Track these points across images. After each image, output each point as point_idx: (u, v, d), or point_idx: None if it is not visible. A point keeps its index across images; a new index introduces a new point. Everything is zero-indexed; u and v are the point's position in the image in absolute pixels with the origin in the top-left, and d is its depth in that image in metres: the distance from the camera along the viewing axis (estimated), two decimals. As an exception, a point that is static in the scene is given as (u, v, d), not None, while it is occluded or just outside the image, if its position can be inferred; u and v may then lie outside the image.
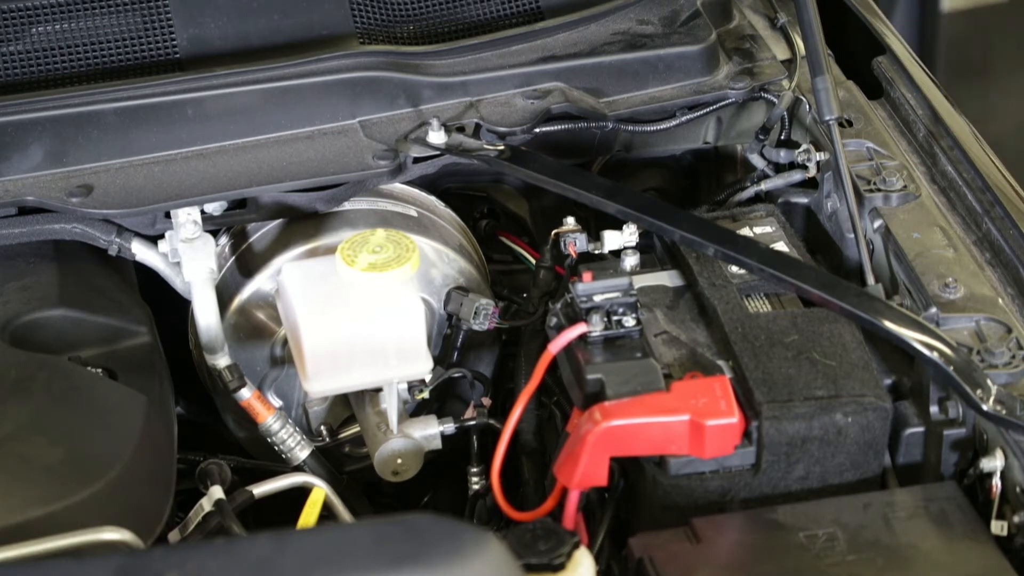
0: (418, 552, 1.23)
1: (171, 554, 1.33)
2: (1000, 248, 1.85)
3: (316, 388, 1.87)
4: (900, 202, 1.93)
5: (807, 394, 1.66)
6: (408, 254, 1.85)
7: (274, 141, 2.02)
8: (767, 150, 2.09)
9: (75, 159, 1.97)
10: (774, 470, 1.66)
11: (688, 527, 1.60)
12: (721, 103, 2.12)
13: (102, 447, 1.67)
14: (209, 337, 1.93)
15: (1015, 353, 1.70)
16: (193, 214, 1.93)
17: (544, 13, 2.19)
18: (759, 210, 1.98)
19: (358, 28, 2.12)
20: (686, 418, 1.63)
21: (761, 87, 2.10)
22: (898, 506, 1.62)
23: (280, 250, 1.99)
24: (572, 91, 2.09)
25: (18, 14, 2.06)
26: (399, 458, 1.92)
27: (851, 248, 1.93)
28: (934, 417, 1.70)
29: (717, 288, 1.79)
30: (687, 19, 2.19)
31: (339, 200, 2.01)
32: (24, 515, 1.56)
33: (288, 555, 1.24)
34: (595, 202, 1.90)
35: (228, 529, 1.75)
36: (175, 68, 2.05)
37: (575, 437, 1.66)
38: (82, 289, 1.92)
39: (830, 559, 1.55)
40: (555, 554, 1.52)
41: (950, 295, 1.78)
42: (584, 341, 1.73)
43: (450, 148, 1.99)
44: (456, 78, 2.08)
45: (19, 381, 1.72)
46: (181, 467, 1.85)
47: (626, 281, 1.76)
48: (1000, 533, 1.61)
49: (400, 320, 1.84)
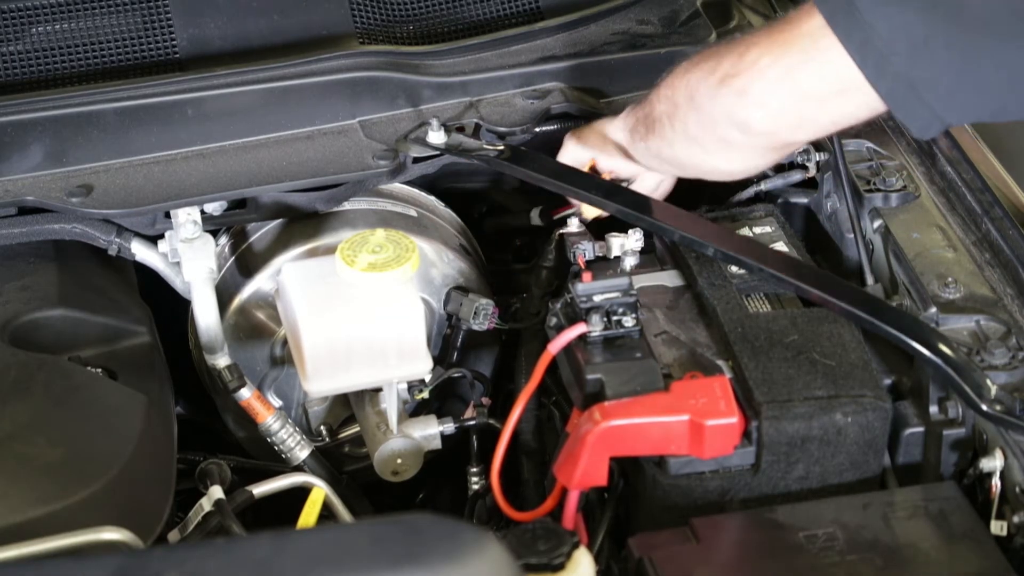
0: (417, 552, 1.23)
1: (171, 554, 1.33)
2: (1000, 248, 1.85)
3: (316, 388, 1.87)
4: (900, 202, 1.93)
5: (807, 394, 1.66)
6: (408, 254, 1.85)
7: (274, 141, 2.02)
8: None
9: (75, 159, 1.97)
10: (774, 470, 1.66)
11: (688, 527, 1.60)
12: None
13: (102, 447, 1.67)
14: (209, 337, 1.93)
15: (1015, 353, 1.70)
16: (193, 214, 1.93)
17: (544, 13, 2.20)
18: (759, 210, 1.98)
19: (358, 28, 2.13)
20: (686, 418, 1.63)
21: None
22: (898, 506, 1.62)
23: (280, 250, 1.99)
24: (572, 91, 2.09)
25: (18, 14, 2.06)
26: (399, 458, 1.92)
27: (851, 248, 1.93)
28: (934, 417, 1.70)
29: (717, 288, 1.80)
30: (687, 19, 2.19)
31: (339, 200, 2.01)
32: (24, 515, 1.55)
33: (288, 555, 1.24)
34: (595, 202, 1.90)
35: (228, 529, 1.76)
36: (175, 68, 2.06)
37: (575, 437, 1.66)
38: (82, 289, 1.92)
39: (830, 559, 1.55)
40: (555, 554, 1.52)
41: (950, 295, 1.78)
42: (584, 341, 1.73)
43: (450, 148, 1.99)
44: (456, 78, 2.09)
45: (19, 381, 1.72)
46: (181, 467, 1.85)
47: (626, 281, 1.77)
48: (1000, 533, 1.61)
49: (400, 320, 1.84)
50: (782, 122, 1.69)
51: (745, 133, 1.71)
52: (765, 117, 1.68)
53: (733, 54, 1.69)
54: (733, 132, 1.71)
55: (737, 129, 1.71)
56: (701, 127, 1.75)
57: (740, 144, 1.73)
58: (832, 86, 1.62)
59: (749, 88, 1.67)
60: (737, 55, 1.68)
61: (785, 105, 1.67)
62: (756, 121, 1.69)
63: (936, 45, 1.55)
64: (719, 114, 1.71)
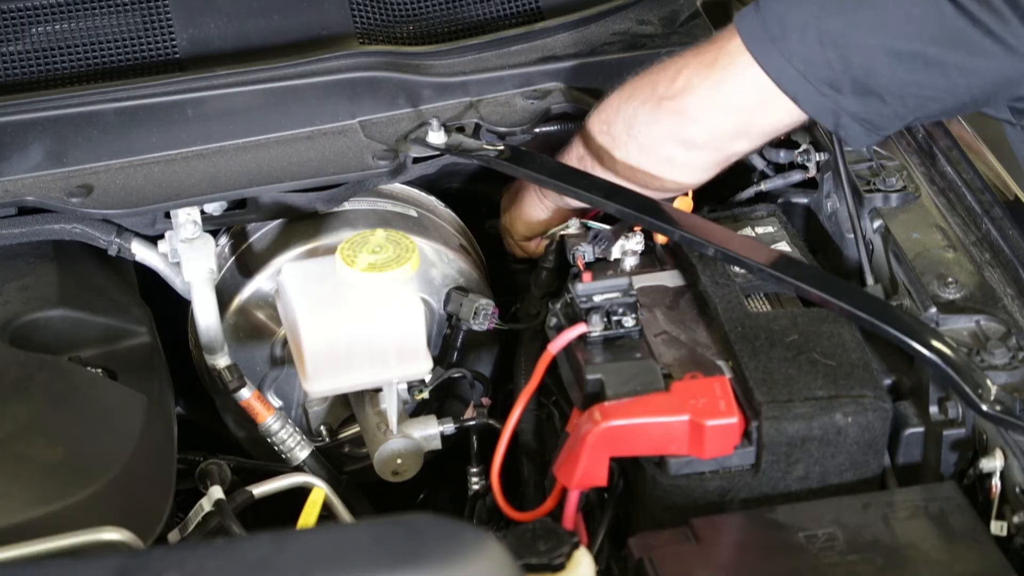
0: (417, 552, 1.23)
1: (171, 554, 1.33)
2: (1000, 248, 1.85)
3: (316, 388, 1.87)
4: (900, 202, 1.93)
5: (807, 394, 1.66)
6: (408, 254, 1.85)
7: (274, 141, 2.02)
8: (767, 150, 2.08)
9: (75, 159, 1.97)
10: (774, 470, 1.66)
11: (688, 527, 1.60)
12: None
13: (102, 447, 1.67)
14: (209, 337, 1.93)
15: (1015, 353, 1.70)
16: (193, 214, 1.93)
17: (544, 13, 2.20)
18: (760, 210, 1.99)
19: (358, 28, 2.12)
20: (686, 418, 1.63)
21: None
22: (898, 506, 1.62)
23: (280, 250, 1.99)
24: (572, 91, 2.09)
25: (18, 14, 2.06)
26: (399, 458, 1.92)
27: (851, 248, 1.93)
28: (934, 417, 1.70)
29: (717, 287, 1.80)
30: (687, 19, 2.19)
31: (339, 200, 2.01)
32: (24, 515, 1.55)
33: (288, 555, 1.24)
34: (595, 202, 1.90)
35: (228, 529, 1.75)
36: (175, 68, 2.05)
37: (575, 437, 1.66)
38: (82, 289, 1.92)
39: (830, 559, 1.55)
40: (555, 554, 1.52)
41: (950, 295, 1.78)
42: (584, 341, 1.73)
43: (450, 148, 1.99)
44: (456, 78, 2.08)
45: (19, 381, 1.72)
46: (181, 467, 1.85)
47: (626, 281, 1.77)
48: (1000, 533, 1.61)
49: (400, 320, 1.84)
50: (719, 133, 1.83)
51: (688, 148, 1.85)
52: (703, 131, 1.83)
53: (665, 79, 1.84)
54: (677, 150, 1.85)
55: (681, 146, 1.85)
56: (642, 152, 1.88)
57: (683, 162, 1.87)
58: (753, 97, 1.77)
59: (685, 107, 1.82)
60: (669, 79, 1.84)
61: (719, 118, 1.81)
62: (695, 135, 1.83)
63: (814, 35, 1.72)
64: (660, 135, 1.85)
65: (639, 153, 1.88)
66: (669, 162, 1.87)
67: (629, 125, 1.88)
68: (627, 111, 1.88)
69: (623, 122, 1.88)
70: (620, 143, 1.90)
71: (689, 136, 1.84)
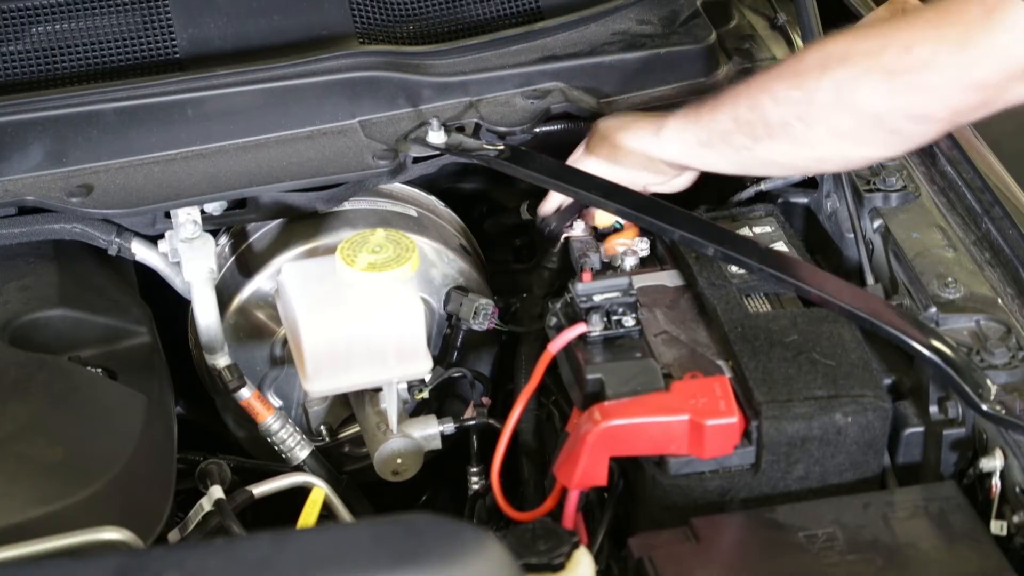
0: (417, 552, 1.23)
1: (171, 554, 1.33)
2: (1000, 248, 1.85)
3: (316, 388, 1.87)
4: (900, 202, 1.93)
5: (807, 394, 1.66)
6: (408, 254, 1.85)
7: (274, 141, 2.02)
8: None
9: (75, 159, 1.97)
10: (774, 470, 1.66)
11: (688, 527, 1.60)
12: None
13: (102, 447, 1.67)
14: (209, 337, 1.93)
15: (1015, 353, 1.70)
16: (193, 214, 1.93)
17: (544, 13, 2.19)
18: (758, 210, 1.98)
19: (358, 28, 2.12)
20: (686, 418, 1.63)
21: (761, 87, 2.10)
22: (898, 506, 1.62)
23: (280, 250, 1.99)
24: (572, 91, 2.09)
25: (18, 14, 2.06)
26: (399, 458, 1.92)
27: (851, 248, 1.93)
28: (934, 417, 1.70)
29: (717, 288, 1.80)
30: (687, 19, 2.19)
31: (339, 200, 2.01)
32: (24, 515, 1.56)
33: (288, 555, 1.24)
34: (595, 202, 1.90)
35: (228, 529, 1.76)
36: (175, 68, 2.05)
37: (575, 437, 1.66)
38: (82, 289, 1.92)
39: (830, 559, 1.55)
40: (555, 554, 1.52)
41: (949, 295, 1.78)
42: (584, 341, 1.73)
43: (450, 148, 1.99)
44: (456, 78, 2.08)
45: (19, 381, 1.72)
46: (181, 467, 1.85)
47: (626, 281, 1.77)
48: (999, 533, 1.61)
49: (400, 320, 1.84)
50: (963, 108, 1.67)
51: (922, 123, 1.69)
52: (944, 108, 1.67)
53: (895, 47, 1.67)
54: (907, 125, 1.69)
55: (912, 121, 1.69)
56: (858, 123, 1.71)
57: (908, 133, 1.71)
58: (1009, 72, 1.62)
59: (922, 82, 1.65)
60: (902, 48, 1.66)
61: (963, 97, 1.66)
62: (937, 110, 1.68)
63: None
64: (894, 108, 1.68)
65: (852, 122, 1.71)
66: (893, 134, 1.71)
67: (838, 94, 1.70)
68: (839, 77, 1.70)
69: (832, 89, 1.71)
70: (823, 112, 1.72)
71: (929, 110, 1.68)
